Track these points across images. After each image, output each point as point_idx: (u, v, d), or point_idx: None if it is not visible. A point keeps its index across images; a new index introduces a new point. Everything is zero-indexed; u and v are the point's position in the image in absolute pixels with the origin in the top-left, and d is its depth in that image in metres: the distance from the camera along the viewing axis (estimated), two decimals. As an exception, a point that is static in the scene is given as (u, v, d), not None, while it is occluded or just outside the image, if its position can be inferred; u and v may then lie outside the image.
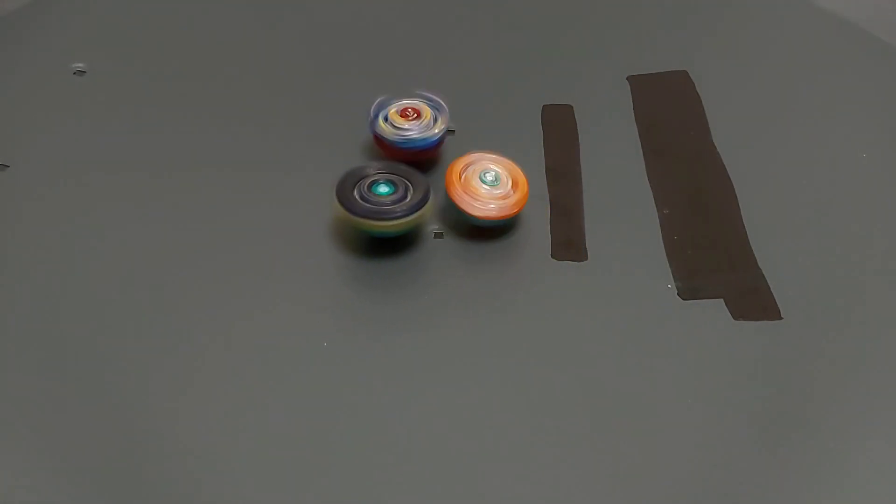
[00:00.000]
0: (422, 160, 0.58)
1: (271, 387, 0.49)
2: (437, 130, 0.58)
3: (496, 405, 0.48)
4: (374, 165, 0.56)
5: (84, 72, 0.67)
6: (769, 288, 0.54)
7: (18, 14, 0.72)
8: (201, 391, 0.49)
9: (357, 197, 0.53)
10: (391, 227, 0.53)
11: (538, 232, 0.57)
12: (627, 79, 0.67)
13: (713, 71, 0.67)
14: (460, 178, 0.56)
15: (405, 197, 0.54)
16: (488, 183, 0.55)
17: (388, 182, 0.54)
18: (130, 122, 0.64)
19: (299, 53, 0.69)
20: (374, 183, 0.54)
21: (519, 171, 0.57)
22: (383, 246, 0.56)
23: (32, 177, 0.60)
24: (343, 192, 0.54)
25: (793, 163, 0.61)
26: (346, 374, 0.50)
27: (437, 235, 0.57)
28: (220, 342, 0.51)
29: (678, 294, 0.53)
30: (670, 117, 0.64)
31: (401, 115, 0.59)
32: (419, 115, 0.59)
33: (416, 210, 0.53)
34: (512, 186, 0.56)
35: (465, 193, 0.55)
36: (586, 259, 0.55)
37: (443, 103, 0.59)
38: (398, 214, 0.53)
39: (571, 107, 0.65)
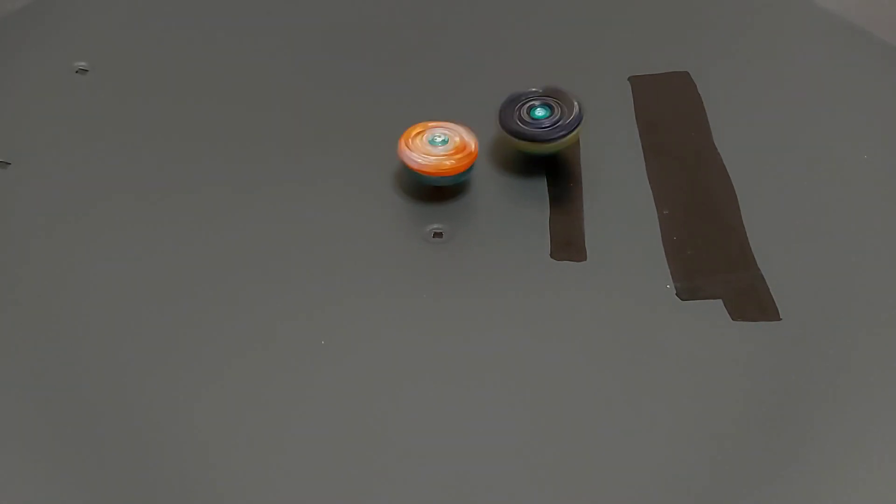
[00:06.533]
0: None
1: (274, 386, 0.49)
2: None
3: (494, 404, 0.48)
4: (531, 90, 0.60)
5: (87, 70, 0.67)
6: (768, 289, 0.54)
7: (22, 12, 0.72)
8: (202, 392, 0.49)
9: (517, 121, 0.59)
10: (551, 147, 0.59)
11: (538, 232, 0.57)
12: (629, 79, 0.67)
13: (714, 72, 0.67)
14: (409, 143, 0.57)
15: (560, 119, 0.58)
16: (438, 144, 0.57)
17: (545, 105, 0.59)
18: (133, 120, 0.64)
19: (300, 50, 0.69)
20: (532, 107, 0.59)
21: (471, 135, 0.58)
22: (382, 247, 0.56)
23: (34, 174, 0.60)
24: (505, 118, 0.59)
25: (793, 164, 0.61)
26: (343, 373, 0.50)
27: (437, 235, 0.57)
28: (225, 346, 0.51)
29: (677, 294, 0.53)
30: (671, 118, 0.64)
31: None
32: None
33: (573, 129, 0.58)
34: (461, 148, 0.57)
35: (417, 153, 0.57)
36: (585, 259, 0.55)
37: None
38: (558, 135, 0.58)
39: (572, 107, 0.65)
